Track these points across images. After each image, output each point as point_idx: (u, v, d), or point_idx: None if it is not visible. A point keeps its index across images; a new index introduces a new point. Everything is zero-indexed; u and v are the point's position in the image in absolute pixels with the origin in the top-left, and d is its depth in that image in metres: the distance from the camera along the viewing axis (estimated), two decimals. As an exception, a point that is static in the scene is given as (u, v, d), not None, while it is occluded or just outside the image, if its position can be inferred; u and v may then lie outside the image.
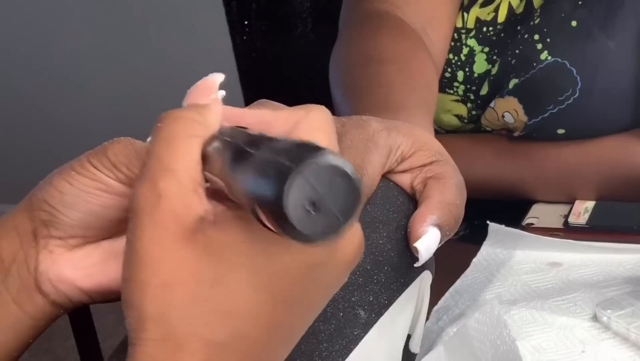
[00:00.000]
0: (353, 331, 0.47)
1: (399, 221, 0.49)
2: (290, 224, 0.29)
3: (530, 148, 0.84)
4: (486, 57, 0.86)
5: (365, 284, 0.47)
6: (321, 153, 0.29)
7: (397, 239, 0.48)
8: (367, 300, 0.47)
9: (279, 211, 0.29)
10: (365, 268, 0.47)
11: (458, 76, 0.87)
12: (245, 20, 1.43)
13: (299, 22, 1.39)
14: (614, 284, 0.65)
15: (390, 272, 0.48)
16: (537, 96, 0.82)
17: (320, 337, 0.46)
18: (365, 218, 0.48)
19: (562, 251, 0.71)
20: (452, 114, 0.89)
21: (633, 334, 0.57)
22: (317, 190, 0.29)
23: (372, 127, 0.49)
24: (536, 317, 0.61)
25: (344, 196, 0.30)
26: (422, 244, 0.47)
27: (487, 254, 0.72)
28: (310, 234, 0.29)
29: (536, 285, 0.67)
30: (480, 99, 0.87)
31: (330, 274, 0.37)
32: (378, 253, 0.48)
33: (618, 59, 0.80)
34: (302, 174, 0.28)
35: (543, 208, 0.82)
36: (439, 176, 0.49)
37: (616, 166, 0.81)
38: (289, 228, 0.29)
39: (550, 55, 0.81)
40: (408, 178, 0.50)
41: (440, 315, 0.64)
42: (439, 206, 0.48)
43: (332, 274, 0.37)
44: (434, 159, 0.50)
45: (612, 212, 0.78)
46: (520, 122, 0.83)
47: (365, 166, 0.48)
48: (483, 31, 0.86)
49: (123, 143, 0.43)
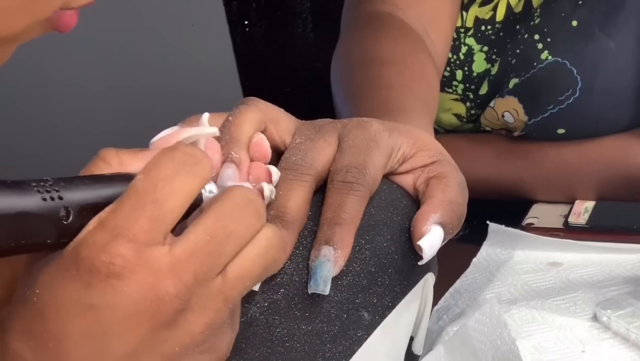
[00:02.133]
0: (357, 332, 0.47)
1: (402, 224, 0.49)
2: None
3: (530, 148, 0.85)
4: (485, 56, 0.86)
5: (369, 286, 0.47)
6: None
7: (400, 242, 0.48)
8: (370, 302, 0.47)
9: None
10: (370, 270, 0.47)
11: (457, 75, 0.87)
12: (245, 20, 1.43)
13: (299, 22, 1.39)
14: (614, 284, 0.65)
15: (394, 274, 0.48)
16: (537, 96, 0.82)
17: (324, 338, 0.46)
18: (369, 220, 0.48)
19: (562, 251, 0.71)
20: (451, 113, 0.89)
21: (633, 334, 0.57)
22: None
23: (374, 128, 0.50)
24: (536, 317, 0.62)
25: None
26: (426, 243, 0.47)
27: (487, 254, 0.72)
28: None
29: (536, 285, 0.67)
30: (480, 98, 0.87)
31: (110, 321, 0.36)
32: (382, 256, 0.48)
33: (618, 59, 0.80)
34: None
35: (543, 208, 0.82)
36: (441, 175, 0.50)
37: (616, 166, 0.81)
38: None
39: (550, 55, 0.81)
40: (410, 179, 0.51)
41: (441, 315, 0.64)
42: (442, 204, 0.48)
43: (112, 321, 0.36)
44: (435, 159, 0.50)
45: (612, 212, 0.78)
46: (520, 122, 0.84)
47: (367, 165, 0.48)
48: (482, 30, 0.86)
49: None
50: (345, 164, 0.48)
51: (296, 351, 0.45)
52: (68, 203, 0.37)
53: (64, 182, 0.37)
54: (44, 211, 0.36)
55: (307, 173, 0.47)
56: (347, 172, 0.47)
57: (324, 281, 0.44)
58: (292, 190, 0.47)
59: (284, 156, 0.49)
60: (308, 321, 0.45)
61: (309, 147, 0.48)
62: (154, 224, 0.36)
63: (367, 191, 0.47)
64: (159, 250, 0.36)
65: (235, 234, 0.38)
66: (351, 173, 0.47)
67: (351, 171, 0.47)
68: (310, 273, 0.45)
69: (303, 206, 0.47)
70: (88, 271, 0.36)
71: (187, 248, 0.37)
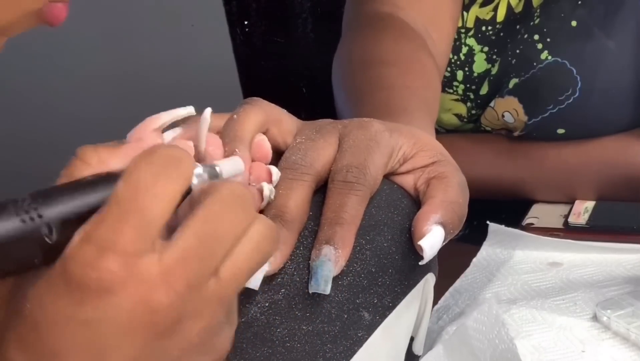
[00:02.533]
0: (357, 332, 0.47)
1: (403, 224, 0.49)
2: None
3: (530, 148, 0.85)
4: (486, 56, 0.86)
5: (369, 286, 0.47)
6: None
7: (401, 242, 0.49)
8: (371, 302, 0.47)
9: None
10: (370, 270, 0.47)
11: (457, 75, 0.87)
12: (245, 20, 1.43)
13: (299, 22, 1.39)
14: (614, 284, 0.65)
15: (394, 274, 0.48)
16: (537, 96, 0.82)
17: (325, 338, 0.46)
18: (370, 220, 0.48)
19: (562, 251, 0.71)
20: (452, 113, 0.89)
21: (633, 334, 0.57)
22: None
23: (374, 128, 0.50)
24: (536, 316, 0.62)
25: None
26: (427, 243, 0.47)
27: (487, 254, 0.72)
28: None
29: (536, 285, 0.67)
30: (480, 98, 0.87)
31: (106, 335, 0.35)
32: (382, 256, 0.48)
33: (618, 59, 0.80)
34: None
35: (543, 208, 0.82)
36: (442, 175, 0.50)
37: (616, 166, 0.81)
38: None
39: (550, 55, 0.81)
40: (411, 179, 0.51)
41: (441, 315, 0.64)
42: (443, 205, 0.48)
43: (108, 334, 0.36)
44: (435, 159, 0.50)
45: (612, 212, 0.78)
46: (520, 122, 0.84)
47: (368, 165, 0.48)
48: (482, 30, 0.86)
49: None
50: (345, 164, 0.48)
51: (297, 352, 0.45)
52: (48, 219, 0.35)
53: (42, 197, 0.35)
54: (26, 233, 0.34)
55: (307, 173, 0.47)
56: (348, 172, 0.47)
57: (325, 281, 0.44)
58: (292, 189, 0.47)
59: (284, 155, 0.49)
60: (309, 322, 0.46)
61: (309, 147, 0.49)
62: (140, 233, 0.35)
63: (368, 191, 0.47)
64: (148, 259, 0.35)
65: (225, 235, 0.37)
66: (352, 173, 0.47)
67: (352, 170, 0.47)
68: (311, 273, 0.45)
69: (303, 205, 0.47)
70: (78, 288, 0.35)
71: (177, 255, 0.36)
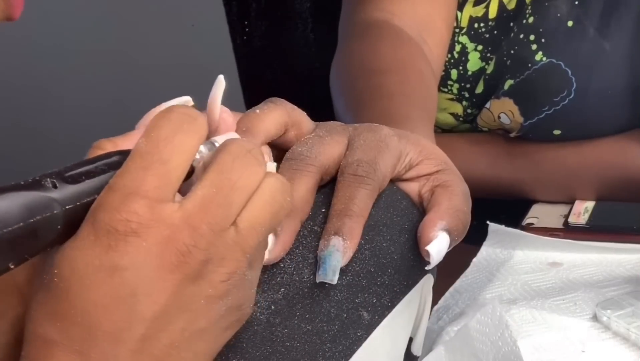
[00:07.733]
0: (356, 332, 0.47)
1: (402, 225, 0.49)
2: None
3: (528, 149, 0.85)
4: (480, 55, 0.86)
5: (368, 286, 0.47)
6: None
7: (400, 242, 0.49)
8: (370, 302, 0.47)
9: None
10: (369, 270, 0.47)
11: (452, 74, 0.87)
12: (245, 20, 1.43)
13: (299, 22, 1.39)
14: (614, 284, 0.65)
15: (393, 274, 0.48)
16: (533, 97, 0.82)
17: (324, 338, 0.46)
18: (369, 221, 0.48)
19: (562, 251, 0.71)
20: (448, 112, 0.89)
21: (633, 334, 0.57)
22: None
23: (384, 132, 0.50)
24: (536, 316, 0.62)
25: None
26: (434, 248, 0.47)
27: (487, 254, 0.72)
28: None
29: (536, 285, 0.67)
30: (476, 97, 0.87)
31: (136, 280, 0.37)
32: (382, 256, 0.48)
33: (613, 60, 0.80)
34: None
35: (543, 208, 0.82)
36: (446, 184, 0.50)
37: (614, 168, 0.81)
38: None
39: (545, 56, 0.81)
40: (416, 186, 0.51)
41: (441, 315, 0.64)
42: (448, 212, 0.49)
43: (138, 279, 0.37)
44: (440, 168, 0.51)
45: (612, 212, 0.78)
46: (516, 123, 0.84)
47: (378, 162, 0.48)
48: (475, 28, 0.86)
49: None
50: (356, 159, 0.48)
51: (296, 351, 0.45)
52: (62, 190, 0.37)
53: (60, 171, 0.38)
54: (41, 201, 0.37)
55: (312, 164, 0.48)
56: (359, 166, 0.48)
57: (333, 271, 0.45)
58: (296, 179, 0.47)
59: (291, 148, 0.49)
60: (308, 321, 0.46)
61: (317, 142, 0.49)
62: (162, 181, 0.38)
63: (377, 186, 0.48)
64: (170, 207, 0.38)
65: (239, 184, 0.39)
66: (362, 167, 0.48)
67: (362, 165, 0.48)
68: (319, 263, 0.45)
69: (306, 196, 0.47)
70: (106, 233, 0.37)
71: (196, 202, 0.38)
